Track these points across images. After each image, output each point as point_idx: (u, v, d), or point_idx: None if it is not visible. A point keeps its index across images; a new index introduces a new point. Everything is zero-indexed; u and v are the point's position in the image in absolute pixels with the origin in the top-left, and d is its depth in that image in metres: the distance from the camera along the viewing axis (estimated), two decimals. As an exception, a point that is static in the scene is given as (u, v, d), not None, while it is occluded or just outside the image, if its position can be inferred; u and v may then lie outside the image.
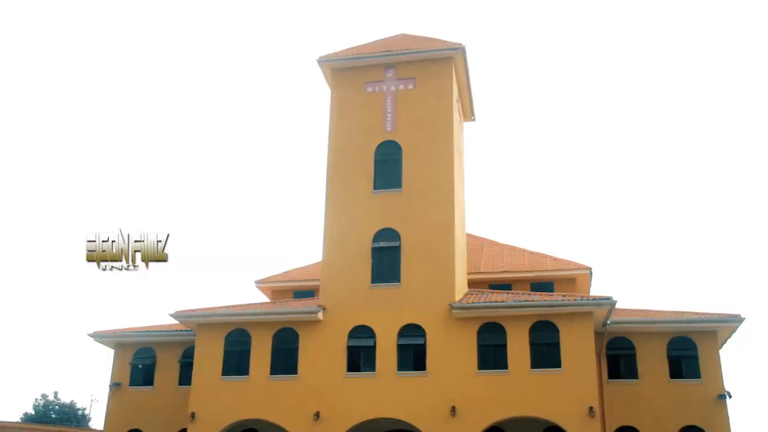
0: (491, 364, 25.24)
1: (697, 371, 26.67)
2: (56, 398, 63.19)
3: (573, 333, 24.90)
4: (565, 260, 32.19)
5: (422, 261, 26.58)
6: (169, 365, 29.75)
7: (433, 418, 24.71)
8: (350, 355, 26.15)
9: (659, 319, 27.41)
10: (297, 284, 32.76)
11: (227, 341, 27.09)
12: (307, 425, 25.41)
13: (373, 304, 26.34)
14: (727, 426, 26.00)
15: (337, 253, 27.42)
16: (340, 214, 27.89)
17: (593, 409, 23.86)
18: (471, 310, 25.61)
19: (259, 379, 26.34)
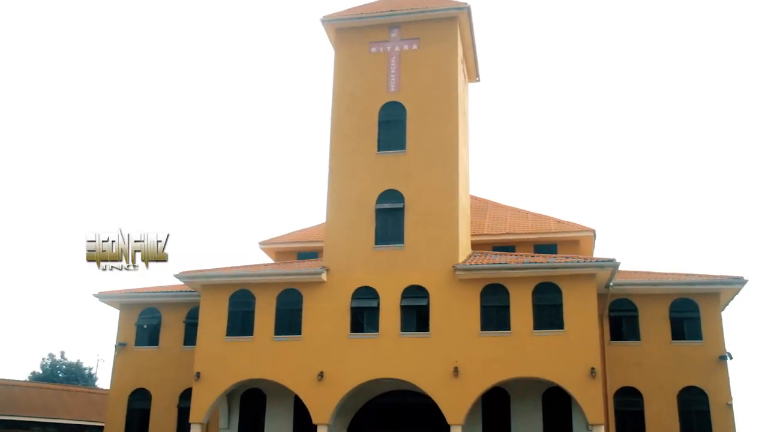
0: (494, 325, 25.38)
1: (699, 333, 26.82)
2: (63, 358, 63.90)
3: (576, 295, 24.98)
4: (569, 222, 32.16)
5: (426, 222, 26.58)
6: (174, 325, 29.97)
7: (436, 378, 24.93)
8: (354, 316, 26.30)
9: (662, 281, 27.49)
10: (301, 245, 32.81)
11: (231, 302, 27.24)
12: (310, 385, 25.65)
13: (376, 265, 26.41)
14: (727, 387, 26.23)
15: (340, 214, 27.43)
16: (344, 175, 27.84)
17: (595, 370, 24.03)
18: (474, 272, 25.68)
19: (264, 340, 26.54)
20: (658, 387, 26.38)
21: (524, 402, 26.68)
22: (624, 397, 26.67)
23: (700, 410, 26.14)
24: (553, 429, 26.46)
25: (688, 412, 26.27)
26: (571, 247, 30.86)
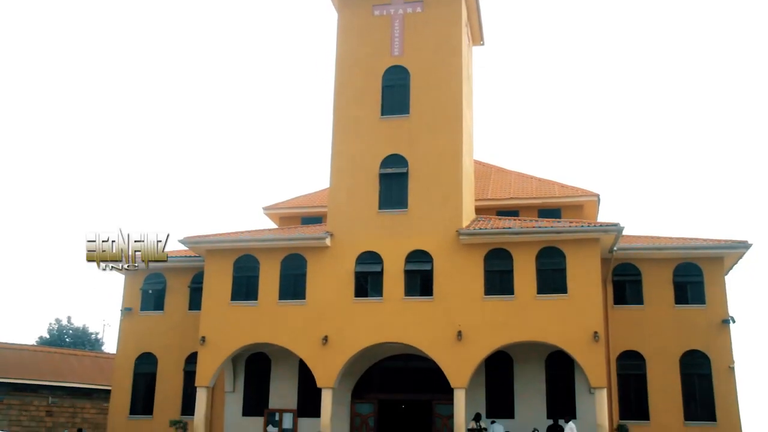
0: (497, 289, 25.45)
1: (702, 297, 26.87)
2: (69, 323, 64.41)
3: (579, 259, 25.00)
4: (573, 187, 32.08)
5: (430, 187, 26.52)
6: (179, 290, 30.09)
7: (440, 342, 25.07)
8: (357, 281, 26.38)
9: (665, 245, 27.49)
10: (304, 210, 32.81)
11: (236, 267, 27.33)
12: (315, 349, 25.83)
13: (380, 230, 26.42)
14: (730, 350, 26.36)
15: (344, 179, 27.38)
16: (348, 140, 27.73)
17: (598, 334, 24.13)
18: (478, 236, 25.68)
19: (268, 304, 26.67)
20: (661, 351, 26.50)
21: (527, 366, 26.87)
22: (626, 361, 26.82)
23: (702, 374, 26.30)
24: (555, 392, 26.68)
25: (690, 376, 26.44)
26: (575, 212, 30.81)
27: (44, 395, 37.43)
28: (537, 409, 26.25)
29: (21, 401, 36.62)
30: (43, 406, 37.44)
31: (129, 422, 29.08)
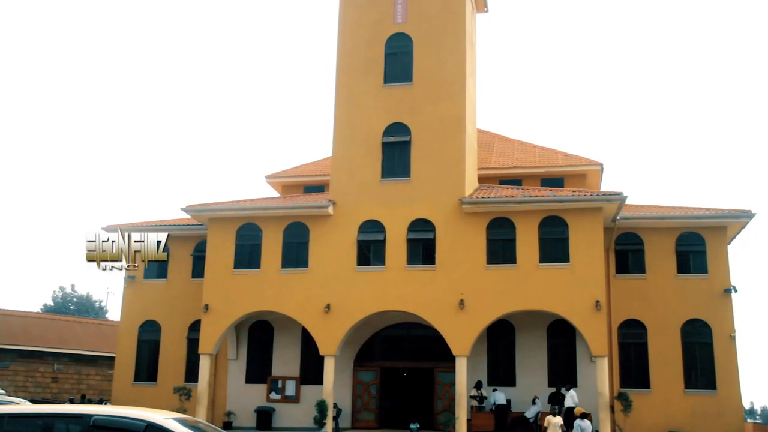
0: (500, 258, 25.45)
1: (705, 266, 26.85)
2: (73, 291, 64.77)
3: (582, 228, 24.96)
4: (576, 156, 31.93)
5: (433, 156, 26.42)
6: (182, 258, 30.13)
7: (442, 310, 25.14)
8: (360, 249, 26.40)
9: (669, 214, 27.43)
10: (307, 179, 32.76)
11: (238, 235, 27.34)
12: (317, 317, 25.92)
13: (383, 198, 26.38)
14: (731, 319, 26.41)
15: (347, 147, 27.27)
16: (351, 108, 27.58)
17: (600, 303, 24.17)
18: (481, 205, 25.63)
19: (271, 273, 26.72)
20: (662, 320, 26.57)
21: (529, 334, 26.97)
22: (628, 330, 26.90)
23: (703, 342, 26.39)
24: (557, 361, 26.82)
25: (691, 344, 26.53)
26: (579, 181, 30.72)
27: (49, 362, 37.77)
28: (538, 378, 26.41)
29: (27, 368, 36.97)
30: (48, 372, 37.79)
31: (133, 388, 29.30)
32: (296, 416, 27.35)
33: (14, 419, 8.16)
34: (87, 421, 7.75)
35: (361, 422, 27.73)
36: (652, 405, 25.74)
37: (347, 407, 27.80)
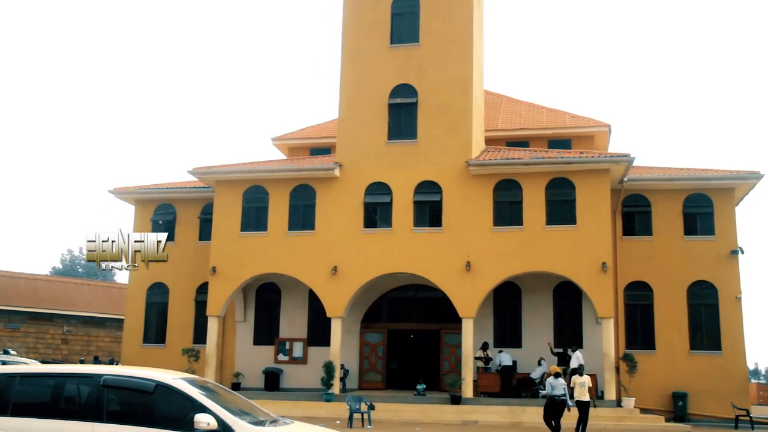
0: (506, 220, 25.43)
1: (712, 228, 26.78)
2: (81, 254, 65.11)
3: (589, 190, 24.88)
4: (584, 117, 31.73)
5: (439, 117, 26.27)
6: (189, 221, 30.20)
7: (449, 272, 25.20)
8: (367, 211, 26.40)
9: (676, 176, 27.30)
10: (313, 141, 32.65)
11: (245, 198, 27.34)
12: (324, 279, 26.02)
13: (389, 160, 26.30)
14: (737, 281, 26.42)
15: (353, 109, 27.12)
16: (357, 69, 27.37)
17: (606, 264, 24.18)
18: (487, 167, 25.54)
19: (277, 235, 26.77)
20: (669, 281, 26.59)
21: (535, 296, 27.05)
22: (634, 291, 26.95)
23: (709, 304, 26.44)
24: (563, 322, 26.94)
25: (696, 306, 26.59)
26: (586, 143, 30.54)
27: (59, 324, 38.15)
28: (544, 339, 26.53)
29: (37, 329, 37.35)
30: (58, 334, 38.19)
31: (142, 350, 29.58)
32: (304, 377, 27.62)
33: (26, 379, 8.25)
34: (97, 381, 7.83)
35: (368, 383, 27.99)
36: (657, 366, 25.88)
37: (354, 368, 28.05)
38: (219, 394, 8.25)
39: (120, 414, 7.69)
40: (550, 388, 18.54)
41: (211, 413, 7.40)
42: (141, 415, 7.66)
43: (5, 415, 7.76)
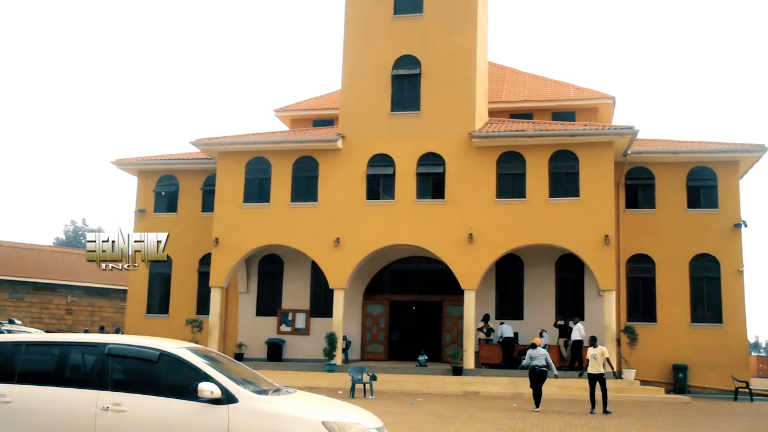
0: (509, 192, 25.39)
1: (715, 201, 26.74)
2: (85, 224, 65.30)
3: (592, 162, 24.81)
4: (588, 89, 31.56)
5: (443, 89, 26.12)
6: (191, 192, 30.21)
7: (451, 244, 25.23)
8: (369, 183, 26.37)
9: (680, 149, 27.21)
10: (316, 113, 32.54)
11: (248, 169, 27.31)
12: (327, 251, 26.06)
13: (392, 132, 26.21)
14: (740, 254, 26.43)
15: (356, 80, 26.98)
16: (360, 40, 27.17)
17: (608, 237, 24.18)
18: (491, 139, 25.45)
19: (280, 206, 26.77)
20: (671, 254, 26.60)
21: (537, 268, 27.09)
22: (636, 264, 26.98)
23: (711, 277, 26.47)
24: (565, 295, 27.00)
25: (698, 279, 26.62)
26: (590, 115, 30.41)
27: (63, 294, 38.34)
28: (546, 311, 26.63)
29: (41, 299, 37.55)
30: (62, 304, 38.41)
31: (146, 321, 29.73)
32: (306, 348, 27.79)
33: (32, 347, 8.30)
34: (102, 350, 7.87)
35: (370, 354, 28.16)
36: (658, 338, 25.98)
37: (356, 340, 28.21)
38: (222, 364, 8.30)
39: (124, 382, 7.74)
40: (529, 359, 18.95)
41: (215, 382, 7.45)
42: (145, 384, 7.71)
43: (11, 383, 7.82)
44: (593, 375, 18.28)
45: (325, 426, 7.27)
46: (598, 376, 18.22)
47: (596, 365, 18.20)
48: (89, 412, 7.49)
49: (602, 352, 18.41)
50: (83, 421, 7.48)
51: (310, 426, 7.26)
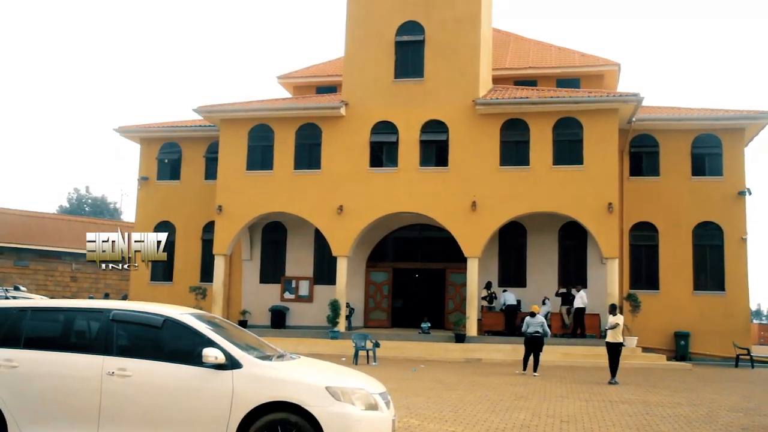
0: (513, 160, 25.30)
1: (720, 168, 26.65)
2: (88, 192, 65.28)
3: (597, 130, 24.68)
4: (593, 56, 31.30)
5: (446, 55, 25.91)
6: (194, 160, 30.17)
7: (454, 212, 25.21)
8: (372, 150, 26.29)
9: (686, 116, 27.06)
10: (319, 80, 32.36)
11: (251, 136, 27.23)
12: (330, 218, 26.08)
13: (395, 99, 26.06)
14: (744, 222, 26.40)
15: (359, 47, 26.77)
16: (363, 6, 26.90)
17: (612, 205, 24.14)
18: (494, 106, 25.30)
19: (283, 174, 26.73)
20: (675, 222, 26.58)
21: (540, 236, 27.09)
22: (639, 232, 26.96)
23: (714, 244, 26.47)
24: (567, 262, 27.03)
25: (701, 246, 26.62)
26: (595, 82, 30.19)
27: (68, 262, 38.43)
28: (548, 279, 26.69)
29: (46, 267, 37.67)
30: (67, 272, 38.51)
31: (150, 288, 29.86)
32: (310, 315, 27.93)
33: (37, 313, 8.33)
34: (107, 316, 7.90)
35: (373, 321, 28.31)
36: (660, 306, 26.05)
37: (360, 307, 28.33)
38: (226, 330, 8.34)
39: (129, 348, 7.78)
40: (526, 326, 19.15)
41: (219, 348, 7.48)
42: (150, 349, 7.75)
43: (18, 348, 7.87)
44: (612, 344, 17.86)
45: (328, 391, 7.32)
46: (618, 345, 17.82)
47: (615, 334, 17.81)
48: (95, 376, 7.54)
49: (614, 320, 18.02)
50: (89, 385, 7.54)
51: (314, 391, 7.31)
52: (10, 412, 7.59)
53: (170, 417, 7.41)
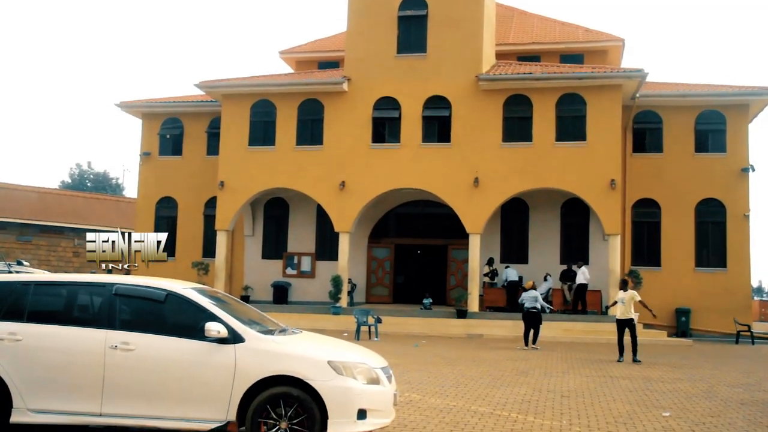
0: (516, 136, 25.23)
1: (723, 145, 26.54)
2: (90, 168, 65.23)
3: (600, 106, 24.57)
4: (597, 31, 31.09)
5: (449, 30, 25.74)
6: (196, 135, 30.09)
7: (456, 188, 25.18)
8: (375, 126, 26.22)
9: (690, 92, 26.92)
10: (322, 55, 32.18)
11: (253, 112, 27.14)
12: (332, 194, 26.06)
13: (398, 74, 25.93)
14: (747, 199, 26.33)
15: (362, 22, 26.59)
16: (365, -20, 26.68)
17: (614, 181, 24.10)
18: (498, 82, 25.18)
19: (285, 149, 26.67)
20: (677, 198, 26.52)
21: (543, 212, 27.07)
22: (642, 209, 26.92)
23: (717, 221, 26.43)
24: (570, 239, 27.03)
25: (704, 223, 26.58)
26: (599, 57, 30.00)
27: (70, 237, 38.50)
28: (550, 255, 26.70)
29: (48, 242, 37.76)
30: (69, 247, 38.60)
31: (152, 263, 29.80)
32: (312, 291, 28.00)
33: (40, 287, 8.36)
34: (110, 290, 7.93)
35: (375, 297, 28.40)
36: (662, 282, 26.05)
37: (362, 283, 28.40)
38: (229, 304, 8.37)
39: (132, 322, 7.82)
40: (521, 300, 19.57)
41: (222, 322, 7.51)
42: (153, 324, 7.78)
43: (21, 321, 7.90)
44: (622, 320, 17.44)
45: (330, 365, 7.35)
46: (627, 322, 17.37)
47: (625, 310, 17.35)
48: (98, 350, 7.58)
49: (632, 296, 17.46)
50: (93, 359, 7.58)
51: (316, 365, 7.35)
52: (15, 385, 7.65)
53: (173, 390, 7.46)
